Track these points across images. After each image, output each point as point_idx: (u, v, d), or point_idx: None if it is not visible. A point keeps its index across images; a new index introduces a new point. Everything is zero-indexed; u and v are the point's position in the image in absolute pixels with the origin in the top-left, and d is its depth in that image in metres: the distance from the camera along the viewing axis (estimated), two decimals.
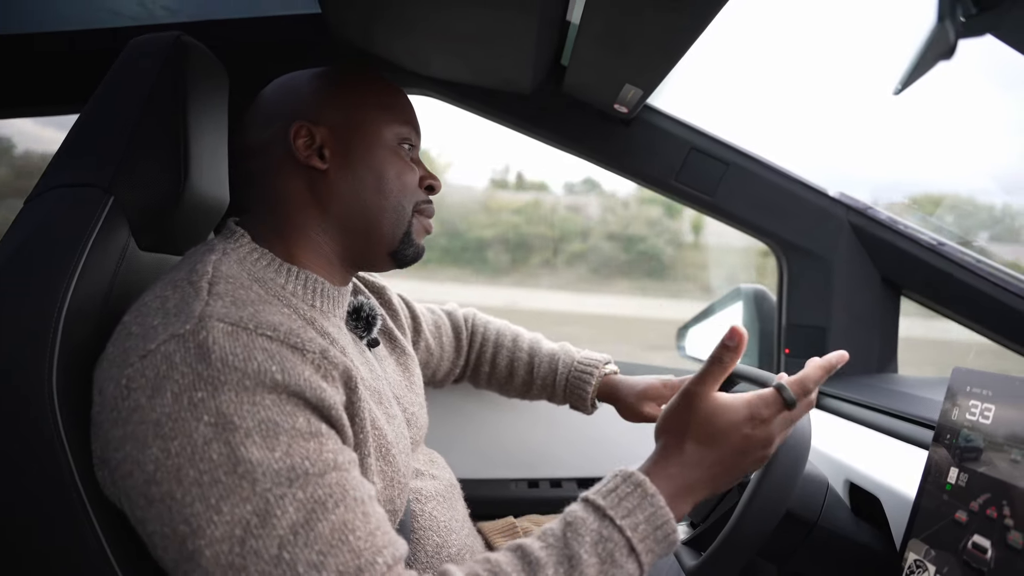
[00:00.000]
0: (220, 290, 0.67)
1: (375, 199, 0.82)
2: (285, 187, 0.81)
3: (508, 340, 1.23)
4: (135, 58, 0.84)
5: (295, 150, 0.79)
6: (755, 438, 0.69)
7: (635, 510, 0.65)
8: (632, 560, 0.64)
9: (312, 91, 0.83)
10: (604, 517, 0.65)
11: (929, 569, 0.72)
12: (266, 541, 0.56)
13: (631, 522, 0.64)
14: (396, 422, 0.82)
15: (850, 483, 1.01)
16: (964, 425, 0.74)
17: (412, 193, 0.85)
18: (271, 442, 0.60)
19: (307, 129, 0.80)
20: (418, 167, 0.88)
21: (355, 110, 0.83)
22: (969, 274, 1.32)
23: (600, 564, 0.62)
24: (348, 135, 0.82)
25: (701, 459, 0.69)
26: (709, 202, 1.42)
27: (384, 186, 0.83)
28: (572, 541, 0.63)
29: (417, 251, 0.87)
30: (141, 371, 0.61)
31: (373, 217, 0.82)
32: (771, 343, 1.55)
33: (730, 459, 0.69)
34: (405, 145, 0.85)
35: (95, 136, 0.81)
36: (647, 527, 0.65)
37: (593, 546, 0.63)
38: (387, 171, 0.83)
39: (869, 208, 1.45)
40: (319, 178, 0.81)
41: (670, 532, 0.66)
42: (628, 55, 1.03)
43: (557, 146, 1.41)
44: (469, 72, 1.26)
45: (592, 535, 0.63)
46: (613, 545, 0.63)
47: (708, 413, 0.69)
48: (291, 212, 0.81)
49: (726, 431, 0.69)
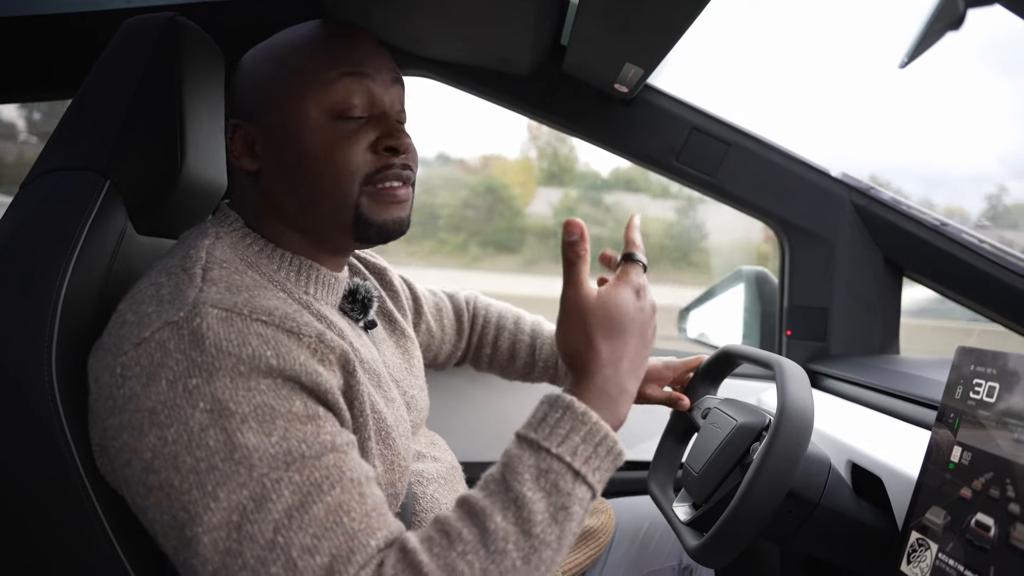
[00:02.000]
0: (214, 276, 0.67)
1: (309, 191, 0.75)
2: (241, 187, 0.80)
3: (510, 322, 1.22)
4: (129, 39, 0.83)
5: (231, 153, 0.78)
6: (646, 308, 0.69)
7: (570, 434, 0.62)
8: (580, 484, 0.61)
9: (243, 80, 0.79)
10: (539, 449, 0.62)
11: (931, 547, 0.72)
12: (262, 526, 0.56)
13: (568, 447, 0.62)
14: (395, 405, 0.82)
15: (852, 463, 1.01)
16: (968, 403, 0.74)
17: (353, 168, 0.75)
18: (267, 427, 0.59)
19: (242, 128, 0.77)
20: (374, 127, 0.76)
21: (277, 97, 0.75)
22: (972, 254, 1.32)
23: (547, 497, 0.60)
24: (272, 127, 0.76)
25: (617, 353, 0.67)
26: (710, 183, 1.41)
27: (314, 175, 0.75)
28: (512, 482, 0.60)
29: (382, 229, 0.78)
30: (136, 359, 0.60)
31: (314, 207, 0.76)
32: (772, 324, 1.54)
33: (638, 338, 0.68)
34: (345, 116, 0.75)
35: (90, 119, 0.81)
36: (586, 447, 0.62)
37: (535, 481, 0.60)
38: (314, 155, 0.74)
39: (872, 188, 1.44)
40: (259, 178, 0.78)
41: (612, 445, 0.64)
42: (629, 34, 1.02)
43: (557, 127, 1.40)
44: (468, 53, 1.25)
45: (531, 471, 0.61)
46: (555, 475, 0.61)
47: (601, 307, 0.67)
48: (258, 210, 0.79)
49: (624, 315, 0.67)
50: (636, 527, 1.15)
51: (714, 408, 0.99)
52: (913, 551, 0.74)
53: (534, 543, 0.59)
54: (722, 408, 0.96)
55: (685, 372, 1.10)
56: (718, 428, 0.93)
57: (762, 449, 0.78)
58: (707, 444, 0.93)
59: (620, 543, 1.13)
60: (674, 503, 1.00)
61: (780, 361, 0.87)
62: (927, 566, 0.71)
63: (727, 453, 0.89)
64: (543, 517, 0.60)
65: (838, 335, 1.46)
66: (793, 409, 0.79)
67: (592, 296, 0.68)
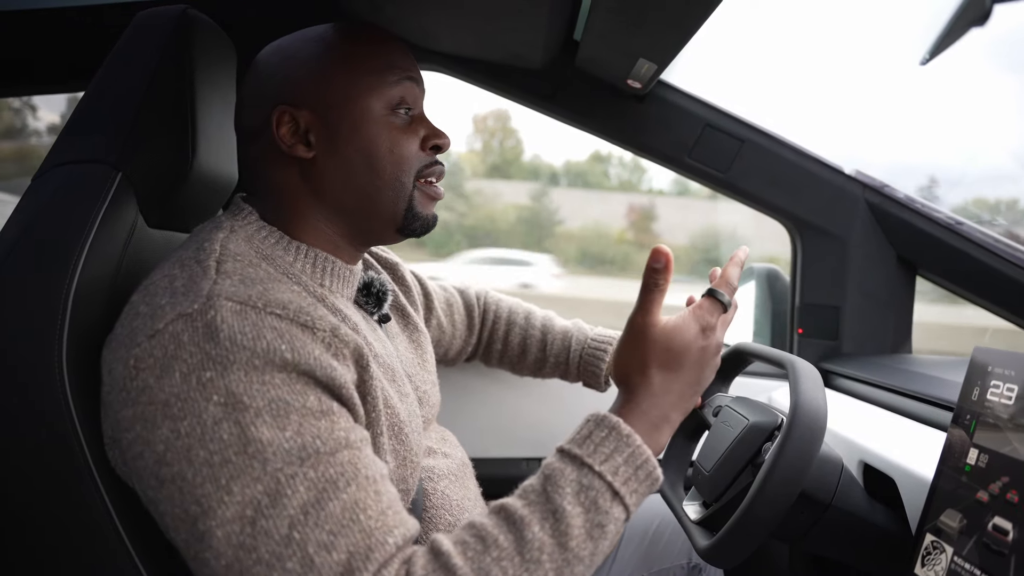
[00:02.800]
0: (228, 268, 0.66)
1: (369, 180, 0.78)
2: (277, 175, 0.78)
3: (520, 318, 1.22)
4: (141, 32, 0.83)
5: (279, 140, 0.76)
6: (709, 348, 0.71)
7: (613, 454, 0.64)
8: (617, 504, 0.63)
9: (291, 68, 0.78)
10: (583, 465, 0.63)
11: (947, 551, 0.71)
12: (277, 521, 0.56)
13: (611, 466, 0.63)
14: (409, 400, 0.81)
15: (864, 464, 1.00)
16: (985, 405, 0.73)
17: (411, 163, 0.79)
18: (282, 421, 0.59)
19: (289, 115, 0.76)
20: (420, 126, 0.81)
21: (335, 85, 0.77)
22: (987, 254, 1.30)
23: (585, 513, 0.61)
24: (332, 116, 0.76)
25: (668, 384, 0.69)
26: (723, 179, 1.40)
27: (377, 165, 0.77)
28: (553, 495, 0.62)
29: (426, 223, 0.82)
30: (149, 351, 0.60)
31: (370, 199, 0.78)
32: (783, 323, 1.53)
33: (693, 375, 0.70)
34: (400, 110, 0.79)
35: (102, 111, 0.80)
36: (627, 469, 0.64)
37: (575, 496, 0.62)
38: (379, 148, 0.77)
39: (886, 186, 1.42)
40: (308, 166, 0.77)
41: (651, 470, 0.65)
42: (643, 29, 1.01)
43: (568, 122, 1.39)
44: (480, 47, 1.24)
45: (572, 485, 0.62)
46: (596, 492, 0.62)
47: (664, 339, 0.69)
48: (289, 200, 0.78)
49: (684, 350, 0.69)
50: (645, 525, 1.15)
51: (725, 406, 0.98)
52: (927, 554, 0.74)
53: (568, 557, 0.60)
54: (734, 406, 0.96)
55: None
56: (729, 427, 0.92)
57: (775, 449, 0.78)
58: (718, 443, 0.93)
59: (629, 541, 1.13)
60: (684, 502, 0.99)
61: (793, 360, 0.86)
62: (942, 569, 0.70)
63: (739, 452, 0.88)
64: (580, 532, 0.61)
65: (850, 334, 1.45)
66: (806, 409, 0.78)
67: (657, 326, 0.69)
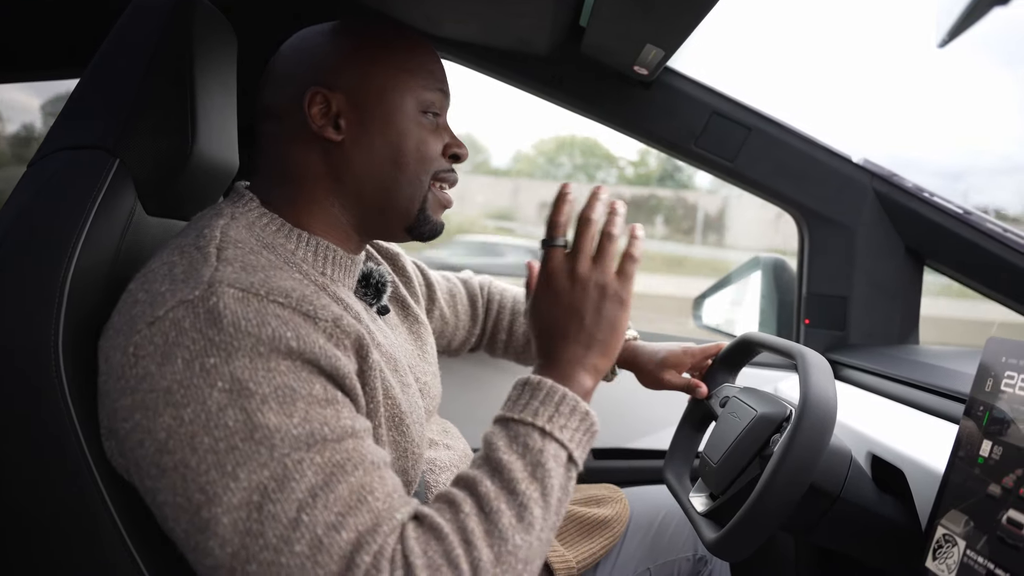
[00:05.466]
0: (229, 255, 0.65)
1: (391, 172, 0.78)
2: (298, 155, 0.78)
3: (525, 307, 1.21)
4: (139, 16, 0.81)
5: (309, 119, 0.75)
6: (575, 288, 0.72)
7: (530, 401, 0.67)
8: (549, 440, 0.65)
9: (329, 53, 0.78)
10: (507, 420, 0.67)
11: (959, 543, 0.70)
12: (284, 505, 0.56)
13: (530, 411, 0.66)
14: (410, 391, 0.80)
15: (872, 455, 0.99)
16: (999, 396, 0.72)
17: (433, 164, 0.81)
18: (288, 408, 0.58)
19: (323, 96, 0.76)
20: (445, 133, 0.83)
21: (374, 76, 0.78)
22: (997, 244, 1.29)
23: (522, 458, 0.64)
24: (366, 104, 0.77)
25: (559, 334, 0.72)
26: (729, 168, 1.38)
27: (402, 159, 0.78)
28: (490, 453, 0.65)
29: (434, 228, 0.83)
30: (149, 338, 0.59)
31: (388, 191, 0.79)
32: (790, 313, 1.52)
33: (575, 318, 0.72)
34: (429, 113, 0.81)
35: (99, 96, 0.79)
36: (546, 408, 0.67)
37: (508, 446, 0.65)
38: (406, 143, 0.78)
39: (894, 175, 1.41)
40: (333, 149, 0.77)
41: (575, 404, 0.68)
42: (650, 14, 0.99)
43: (573, 109, 1.37)
44: (485, 33, 1.22)
45: (503, 439, 0.65)
46: (524, 437, 0.65)
47: (535, 302, 0.74)
48: (303, 181, 0.78)
49: (553, 303, 0.72)
50: (651, 517, 1.14)
51: (733, 397, 0.97)
52: (939, 547, 0.72)
53: (521, 500, 0.62)
54: (741, 397, 0.95)
55: (704, 359, 1.08)
56: (737, 417, 0.91)
57: (784, 441, 0.77)
58: (726, 434, 0.92)
59: (635, 532, 1.12)
60: (690, 493, 0.98)
61: (802, 351, 0.85)
62: (954, 563, 0.69)
63: (746, 444, 0.87)
64: (523, 475, 0.63)
65: (857, 324, 1.44)
66: (816, 400, 0.77)
67: (535, 294, 0.75)
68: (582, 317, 0.72)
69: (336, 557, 0.55)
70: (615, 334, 0.72)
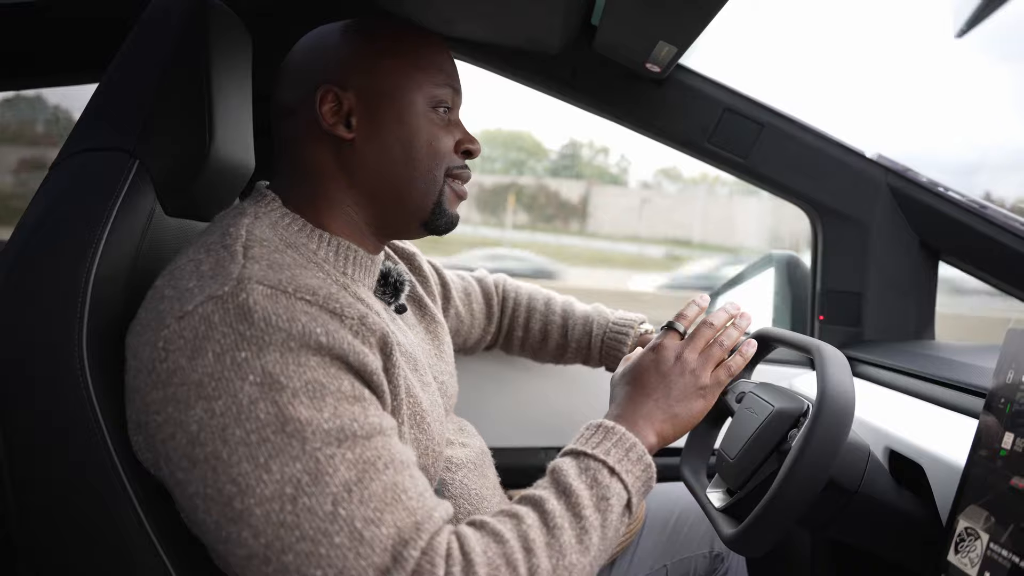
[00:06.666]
0: (255, 253, 0.66)
1: (404, 170, 0.79)
2: (312, 155, 0.78)
3: (540, 304, 1.21)
4: (156, 19, 0.82)
5: (321, 117, 0.76)
6: (672, 366, 0.84)
7: (603, 441, 0.74)
8: (616, 480, 0.71)
9: (341, 51, 0.79)
10: (579, 454, 0.73)
11: (982, 537, 0.69)
12: (319, 499, 0.56)
13: (603, 449, 0.73)
14: (431, 390, 0.81)
15: (890, 450, 0.98)
16: (1021, 388, 0.71)
17: (445, 159, 0.81)
18: (318, 403, 0.59)
19: (334, 94, 0.76)
20: (456, 129, 0.84)
21: (385, 73, 0.78)
22: (1014, 238, 1.28)
23: (589, 488, 0.69)
24: (377, 101, 0.78)
25: (640, 396, 0.82)
26: (742, 164, 1.38)
27: (414, 156, 0.79)
28: (559, 477, 0.70)
29: (450, 220, 0.84)
30: (179, 332, 0.60)
31: (402, 188, 0.79)
32: (804, 310, 1.51)
33: (660, 389, 0.83)
34: (440, 109, 0.81)
35: (119, 99, 0.80)
36: (618, 451, 0.73)
37: (578, 476, 0.70)
38: (418, 140, 0.79)
39: (908, 170, 1.40)
40: (345, 147, 0.78)
41: (641, 454, 0.74)
42: (663, 11, 0.99)
43: (586, 108, 1.37)
44: (495, 32, 1.22)
45: (574, 468, 0.71)
46: (594, 471, 0.71)
47: (635, 362, 0.87)
48: (319, 181, 0.78)
49: (644, 370, 0.85)
50: (667, 514, 1.14)
51: (749, 392, 0.96)
52: (961, 540, 0.72)
53: (584, 524, 0.66)
54: (757, 392, 0.94)
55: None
56: (754, 413, 0.91)
57: (802, 435, 0.76)
58: (742, 429, 0.91)
59: (651, 530, 1.12)
60: (707, 489, 0.98)
61: (819, 345, 0.84)
62: (977, 556, 0.69)
63: (764, 439, 0.87)
64: (589, 503, 0.68)
65: (872, 320, 1.43)
66: (834, 395, 0.76)
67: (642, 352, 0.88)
68: (669, 388, 0.82)
69: (379, 550, 0.56)
70: (689, 417, 0.83)
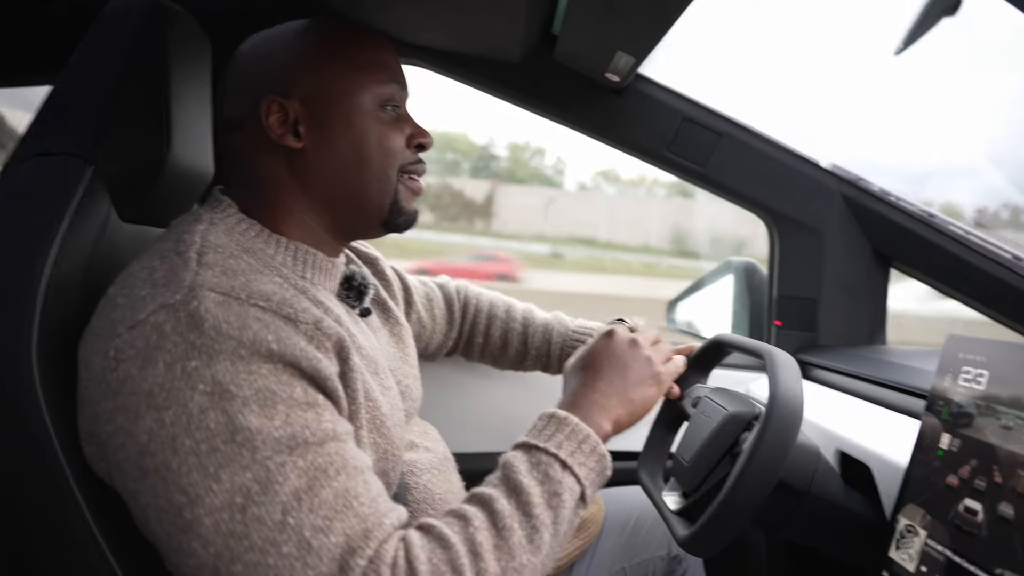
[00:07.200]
0: (209, 260, 0.66)
1: (357, 173, 0.79)
2: (264, 166, 0.78)
3: (501, 311, 1.22)
4: (113, 22, 0.82)
5: (268, 129, 0.76)
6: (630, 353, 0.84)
7: (555, 434, 0.72)
8: (567, 473, 0.69)
9: (281, 59, 0.78)
10: (530, 447, 0.71)
11: (920, 533, 0.72)
12: (269, 508, 0.56)
13: (554, 443, 0.71)
14: (391, 394, 0.81)
15: (841, 452, 1.01)
16: (957, 391, 0.74)
17: (397, 157, 0.81)
18: (269, 411, 0.59)
19: (279, 104, 0.76)
20: (406, 124, 0.83)
21: (328, 78, 0.78)
22: (959, 246, 1.32)
23: (540, 484, 0.68)
24: (323, 108, 0.77)
25: (595, 380, 0.81)
26: (701, 173, 1.41)
27: (366, 158, 0.79)
28: (510, 474, 0.69)
29: (409, 218, 0.84)
30: (130, 342, 0.60)
31: (357, 191, 0.80)
32: (761, 315, 1.54)
33: (617, 374, 0.82)
34: (388, 106, 0.81)
35: (73, 103, 0.79)
36: (570, 443, 0.71)
37: (529, 472, 0.69)
38: (368, 142, 0.79)
39: (861, 179, 1.44)
40: (297, 156, 0.77)
41: (595, 445, 0.73)
42: (621, 21, 1.01)
43: (546, 116, 1.39)
44: (457, 40, 1.23)
45: (525, 464, 0.70)
46: (545, 465, 0.69)
47: (589, 347, 0.86)
48: (273, 191, 0.78)
49: (600, 352, 0.84)
50: (626, 517, 1.15)
51: (704, 397, 0.98)
52: (902, 537, 0.75)
53: (535, 523, 0.65)
54: (712, 397, 0.96)
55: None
56: (708, 417, 0.93)
57: (752, 439, 0.78)
58: (697, 433, 0.93)
59: (610, 533, 1.13)
60: (664, 492, 1.00)
61: (771, 351, 0.87)
62: (915, 552, 0.72)
63: (717, 442, 0.89)
64: (539, 500, 0.67)
65: (827, 326, 1.47)
66: (784, 399, 0.79)
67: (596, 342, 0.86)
68: (625, 370, 0.82)
69: (326, 560, 0.56)
70: (643, 402, 0.82)
